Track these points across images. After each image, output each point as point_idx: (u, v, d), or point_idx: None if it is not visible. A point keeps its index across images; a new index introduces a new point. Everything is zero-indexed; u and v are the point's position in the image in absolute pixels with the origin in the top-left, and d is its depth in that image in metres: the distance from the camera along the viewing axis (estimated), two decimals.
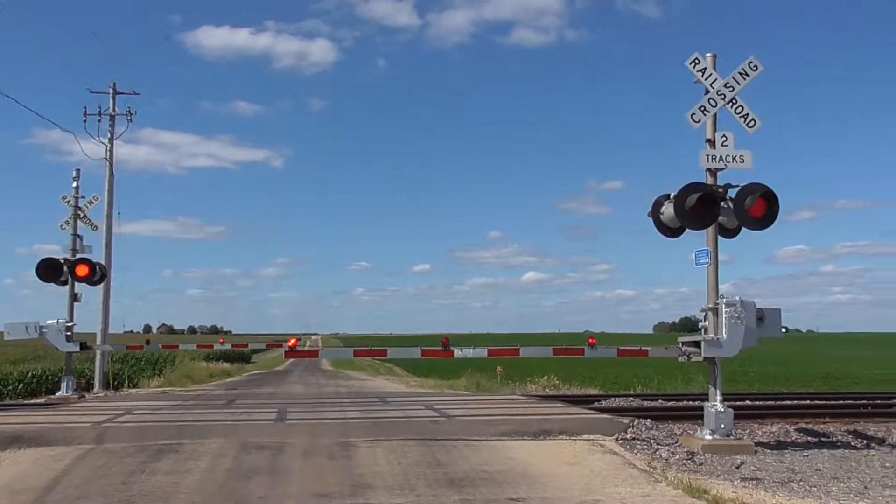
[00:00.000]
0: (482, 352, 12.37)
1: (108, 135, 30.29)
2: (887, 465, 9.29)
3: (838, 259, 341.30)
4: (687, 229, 10.87)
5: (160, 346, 31.21)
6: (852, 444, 11.17)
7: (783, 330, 10.86)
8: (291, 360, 45.16)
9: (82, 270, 19.42)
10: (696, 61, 10.78)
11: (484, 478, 8.08)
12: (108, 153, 29.91)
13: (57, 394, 19.91)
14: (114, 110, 30.64)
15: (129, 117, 31.09)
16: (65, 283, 19.62)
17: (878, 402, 16.22)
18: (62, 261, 19.59)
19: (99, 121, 30.25)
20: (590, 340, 12.54)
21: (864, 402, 15.96)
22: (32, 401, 19.87)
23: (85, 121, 30.49)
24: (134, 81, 72.61)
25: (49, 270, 19.31)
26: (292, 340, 13.42)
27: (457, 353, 12.06)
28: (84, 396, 19.75)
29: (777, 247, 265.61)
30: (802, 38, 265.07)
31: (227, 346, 33.17)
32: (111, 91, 30.91)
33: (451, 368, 30.18)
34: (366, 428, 11.47)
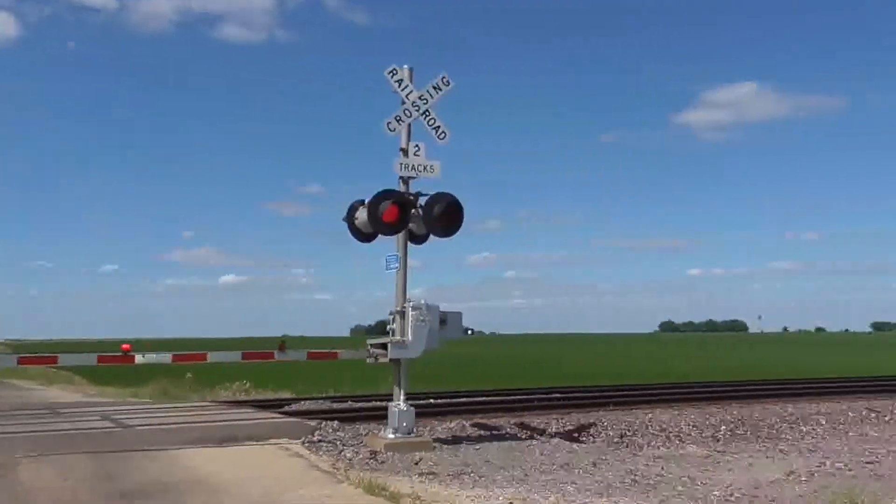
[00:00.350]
0: (166, 357, 11.68)
1: None
2: (545, 452, 10.26)
3: (518, 266, 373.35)
4: (380, 235, 11.17)
5: None
6: (518, 435, 12.22)
7: (468, 332, 11.53)
8: None
9: None
10: (394, 72, 11.07)
11: (160, 489, 7.67)
12: None
13: None
14: None
15: None
16: None
17: (541, 396, 17.94)
18: None
19: None
20: (280, 345, 12.39)
21: (531, 397, 17.55)
22: None
23: None
24: None
25: None
26: None
27: (138, 358, 11.27)
28: None
29: (468, 253, 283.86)
30: (505, 55, 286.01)
31: None
32: None
33: (139, 375, 28.28)
34: (31, 442, 10.31)
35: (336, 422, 11.92)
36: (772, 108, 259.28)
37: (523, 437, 12.03)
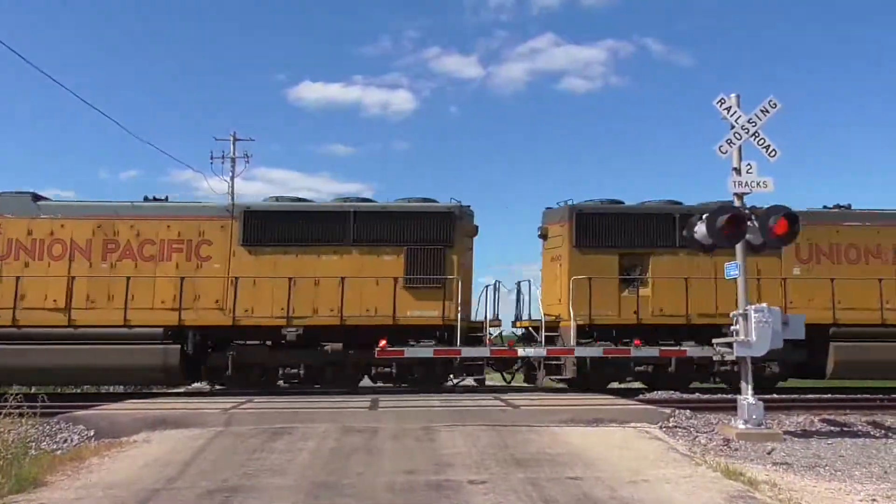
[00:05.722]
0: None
1: (231, 173, 32.34)
2: None
3: None
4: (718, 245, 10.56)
5: None
6: (872, 433, 10.59)
7: None
8: None
9: None
10: (722, 101, 10.52)
11: (546, 459, 7.95)
12: (230, 188, 31.80)
13: (193, 385, 20.38)
14: (234, 154, 32.71)
15: (246, 159, 33.09)
16: None
17: (895, 396, 15.34)
18: None
19: (222, 162, 32.60)
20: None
21: (881, 396, 15.10)
22: (173, 390, 20.26)
23: (211, 162, 33.28)
24: (247, 129, 75.39)
25: None
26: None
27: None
28: (214, 386, 20.13)
29: None
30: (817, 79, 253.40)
31: None
32: (232, 138, 32.88)
33: None
34: (445, 414, 11.33)
35: (688, 410, 11.40)
36: None
37: (877, 435, 10.39)
